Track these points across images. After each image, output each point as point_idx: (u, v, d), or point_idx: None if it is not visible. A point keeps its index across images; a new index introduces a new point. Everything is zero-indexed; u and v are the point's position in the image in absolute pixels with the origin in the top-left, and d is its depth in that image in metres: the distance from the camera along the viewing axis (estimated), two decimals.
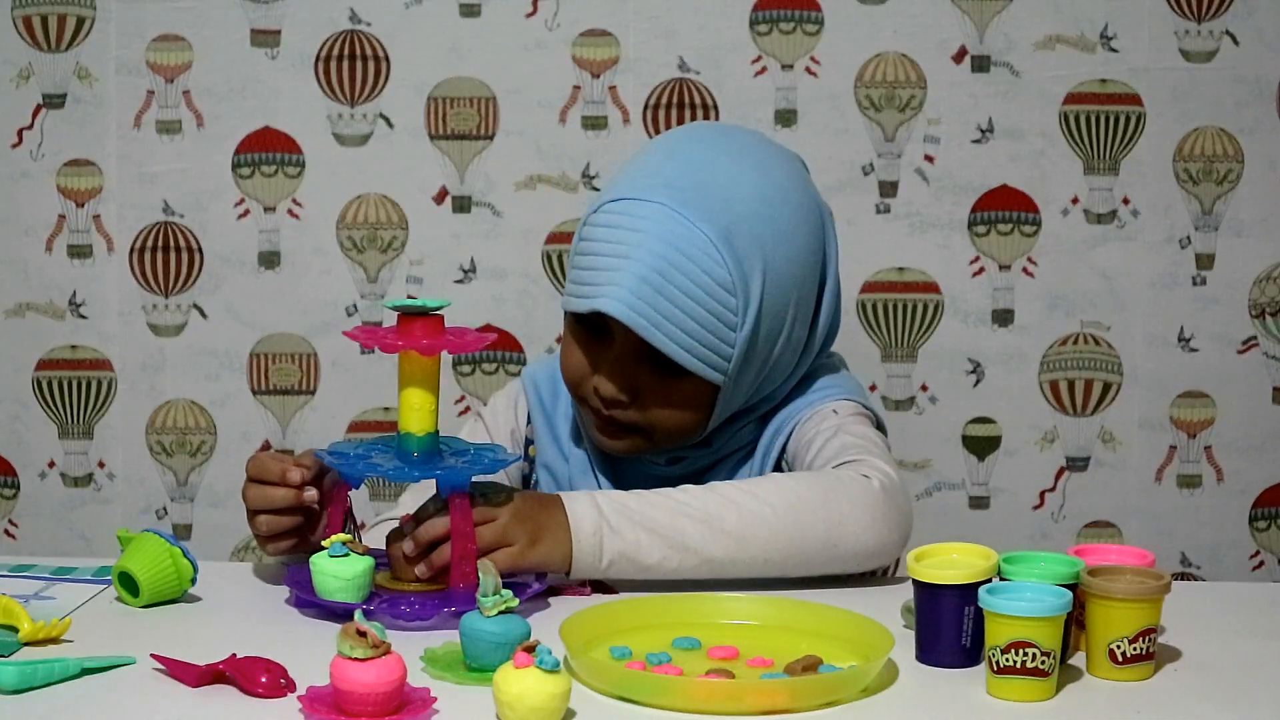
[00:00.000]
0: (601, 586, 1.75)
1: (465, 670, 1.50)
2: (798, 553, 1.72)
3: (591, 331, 1.83)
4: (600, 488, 1.91)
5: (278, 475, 1.72)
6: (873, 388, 2.69)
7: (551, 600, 1.70)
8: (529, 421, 1.98)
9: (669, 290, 1.76)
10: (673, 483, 1.83)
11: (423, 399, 1.68)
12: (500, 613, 1.49)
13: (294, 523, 1.74)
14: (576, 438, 1.95)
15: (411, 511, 1.81)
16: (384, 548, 1.74)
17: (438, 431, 1.70)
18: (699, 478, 1.86)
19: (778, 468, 1.91)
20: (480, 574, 1.50)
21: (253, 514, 1.75)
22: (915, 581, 1.54)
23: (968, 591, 1.51)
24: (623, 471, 1.92)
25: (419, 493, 1.96)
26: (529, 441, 1.98)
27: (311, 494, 1.73)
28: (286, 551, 1.76)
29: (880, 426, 1.93)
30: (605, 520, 1.69)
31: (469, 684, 1.47)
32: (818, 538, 1.71)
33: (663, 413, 1.83)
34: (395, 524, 1.79)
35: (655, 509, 1.71)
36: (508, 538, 1.67)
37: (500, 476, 1.94)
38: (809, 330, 1.88)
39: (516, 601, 1.50)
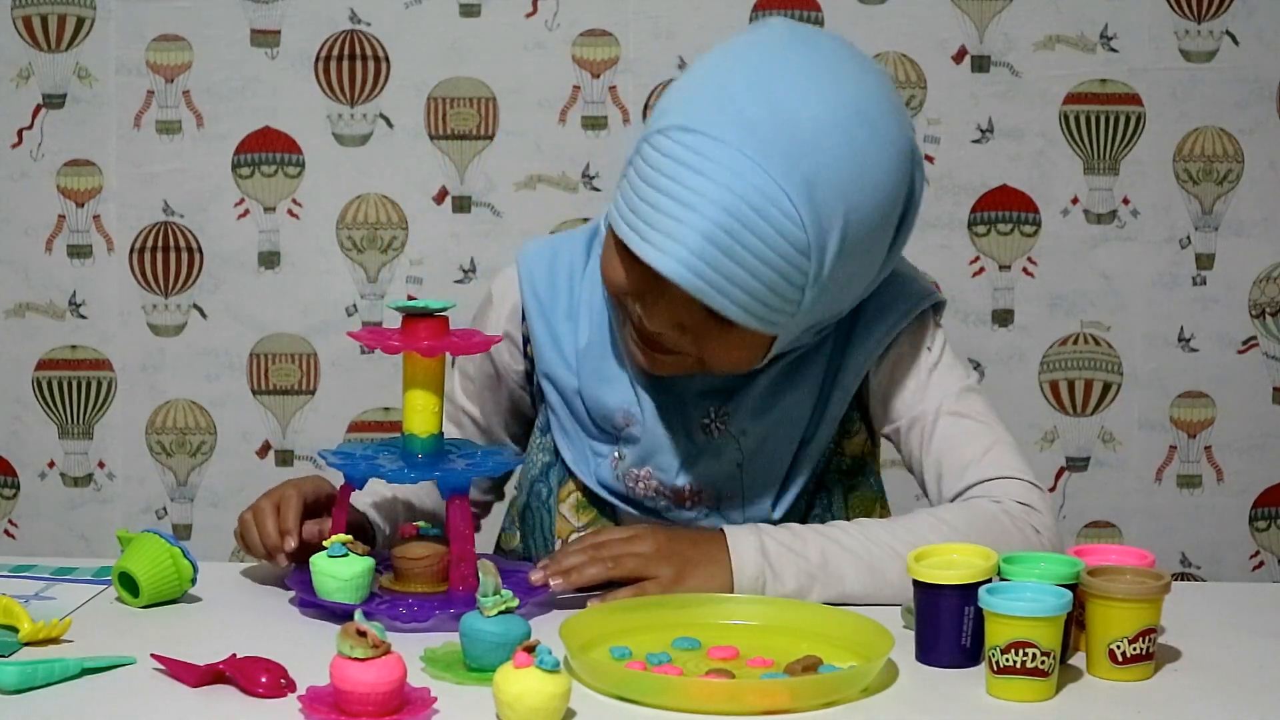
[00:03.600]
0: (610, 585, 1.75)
1: (465, 670, 1.50)
2: None
3: (639, 260, 1.64)
4: (637, 398, 1.76)
5: (272, 546, 1.71)
6: None
7: (552, 600, 1.70)
8: (523, 319, 1.83)
9: (736, 252, 1.58)
10: (711, 393, 1.75)
11: (426, 400, 1.68)
12: (500, 613, 1.49)
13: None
14: (584, 339, 1.79)
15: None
16: (387, 549, 1.74)
17: (442, 433, 1.70)
18: (744, 379, 1.75)
19: (859, 401, 1.79)
20: (480, 574, 1.50)
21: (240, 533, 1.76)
22: (915, 581, 1.54)
23: (968, 591, 1.51)
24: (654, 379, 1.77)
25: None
26: (526, 340, 1.84)
27: (286, 557, 1.72)
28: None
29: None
30: (769, 564, 1.65)
31: (469, 684, 1.47)
32: None
33: (714, 350, 1.68)
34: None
35: (818, 552, 1.66)
36: (650, 569, 1.65)
37: (492, 376, 1.85)
38: (883, 260, 1.72)
39: (516, 602, 1.50)
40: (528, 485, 1.87)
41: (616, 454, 1.79)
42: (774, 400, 1.77)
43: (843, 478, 1.82)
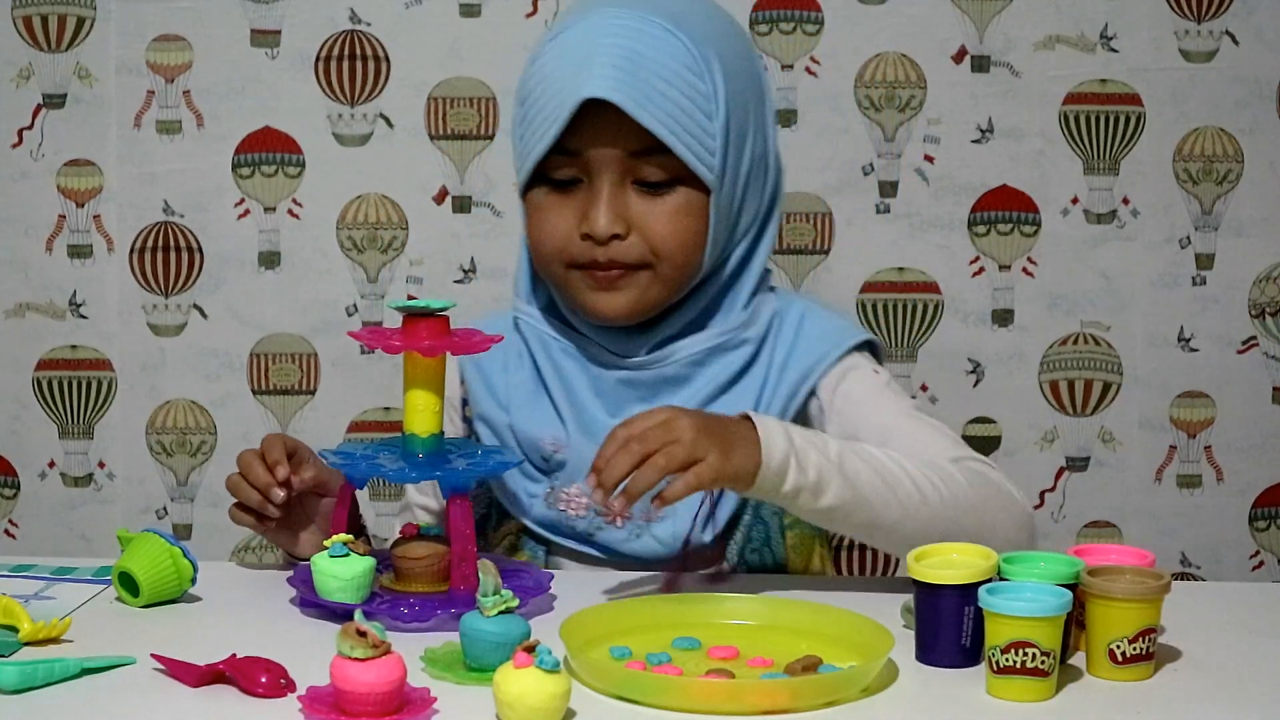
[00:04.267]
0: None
1: (465, 670, 1.50)
2: (943, 533, 1.66)
3: (561, 186, 1.79)
4: (552, 403, 1.84)
5: (262, 488, 1.74)
6: None
7: (552, 600, 1.70)
8: (461, 381, 1.91)
9: (643, 73, 1.72)
10: (634, 388, 1.81)
11: (426, 400, 1.68)
12: (500, 613, 1.49)
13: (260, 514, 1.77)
14: (515, 380, 1.87)
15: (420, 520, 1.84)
16: (388, 548, 1.74)
17: (442, 432, 1.70)
18: (673, 386, 1.81)
19: (802, 413, 1.84)
20: (480, 574, 1.50)
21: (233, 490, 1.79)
22: (915, 581, 1.54)
23: (968, 591, 1.51)
24: (578, 384, 1.84)
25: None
26: (464, 402, 1.91)
27: (279, 490, 1.74)
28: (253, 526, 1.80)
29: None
30: (794, 449, 1.62)
31: (469, 684, 1.47)
32: (966, 536, 1.65)
33: (661, 230, 1.77)
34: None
35: (836, 451, 1.65)
36: (698, 452, 1.59)
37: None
38: (764, 159, 1.83)
39: (516, 601, 1.51)
40: None
41: (549, 488, 1.83)
42: None
43: (780, 512, 1.82)
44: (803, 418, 1.82)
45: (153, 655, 1.50)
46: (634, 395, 1.82)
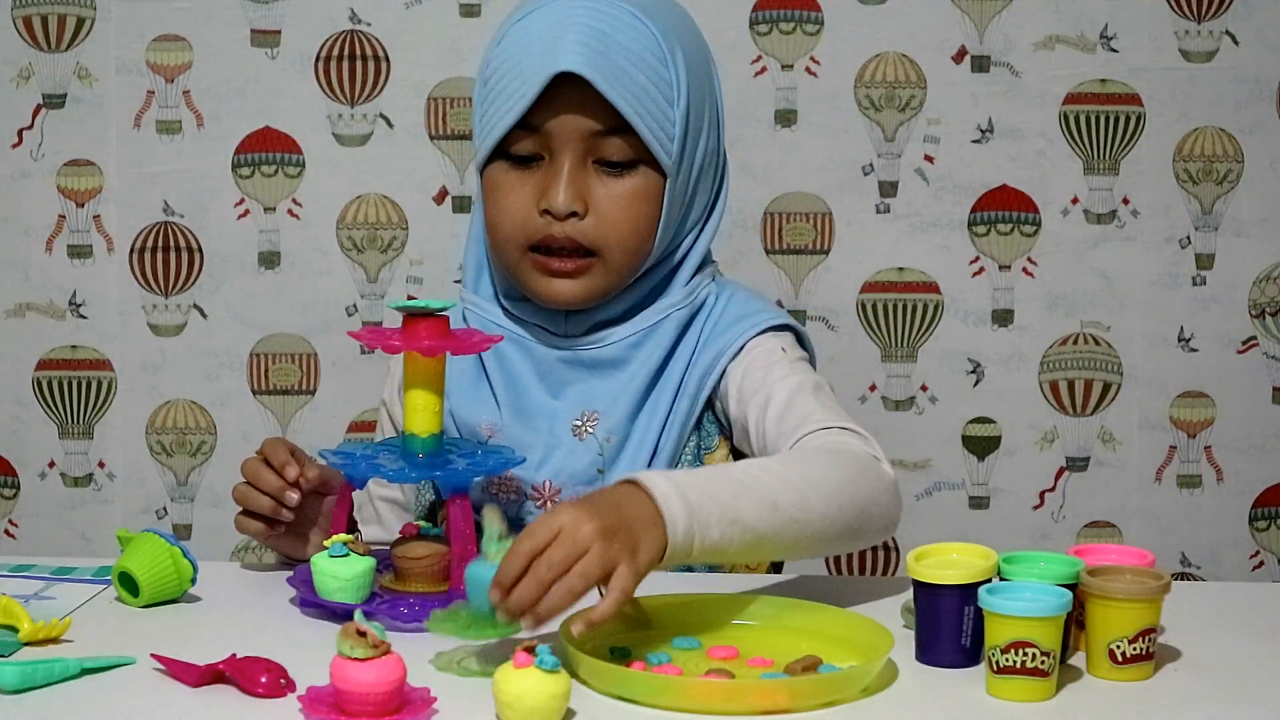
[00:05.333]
0: None
1: (472, 621, 1.49)
2: (835, 535, 1.66)
3: (521, 163, 1.81)
4: (491, 389, 1.86)
5: (274, 491, 1.74)
6: (872, 388, 2.69)
7: None
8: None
9: (612, 53, 1.76)
10: (574, 368, 1.83)
11: (426, 400, 1.68)
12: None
13: (269, 520, 1.76)
14: (457, 369, 1.85)
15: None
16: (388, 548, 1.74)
17: (443, 432, 1.70)
18: (612, 367, 1.83)
19: (711, 399, 1.86)
20: (485, 522, 1.49)
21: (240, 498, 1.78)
22: (915, 581, 1.54)
23: (968, 591, 1.51)
24: (521, 369, 1.85)
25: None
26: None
27: (293, 492, 1.74)
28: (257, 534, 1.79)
29: (812, 360, 1.91)
30: (693, 513, 1.54)
31: (472, 676, 1.47)
32: (849, 523, 1.66)
33: (617, 215, 1.79)
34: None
35: (728, 488, 1.59)
36: (609, 562, 1.48)
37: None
38: (715, 155, 1.87)
39: None
40: None
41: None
42: (640, 407, 1.83)
43: None
44: (711, 399, 1.86)
45: (153, 655, 1.50)
46: (574, 376, 1.85)
